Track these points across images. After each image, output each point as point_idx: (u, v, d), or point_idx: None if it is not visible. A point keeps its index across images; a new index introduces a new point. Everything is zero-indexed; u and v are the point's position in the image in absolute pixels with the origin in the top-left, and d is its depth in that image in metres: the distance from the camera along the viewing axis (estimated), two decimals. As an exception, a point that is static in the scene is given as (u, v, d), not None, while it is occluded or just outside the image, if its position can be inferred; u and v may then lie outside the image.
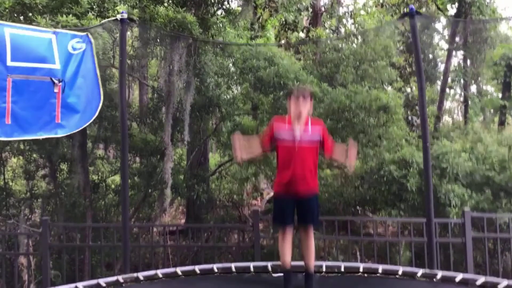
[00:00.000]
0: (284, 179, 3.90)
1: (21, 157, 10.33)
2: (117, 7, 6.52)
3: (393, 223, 8.25)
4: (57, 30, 4.51)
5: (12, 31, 4.12)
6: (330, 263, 4.79)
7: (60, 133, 4.47)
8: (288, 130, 3.89)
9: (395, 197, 8.22)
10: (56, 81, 4.29)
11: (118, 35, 6.05)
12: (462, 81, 16.63)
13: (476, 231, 6.55)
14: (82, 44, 4.54)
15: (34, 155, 9.98)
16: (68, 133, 4.61)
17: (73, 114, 4.45)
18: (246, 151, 3.91)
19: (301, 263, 4.17)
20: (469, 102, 16.75)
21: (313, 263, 4.06)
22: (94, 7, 6.70)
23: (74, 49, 4.48)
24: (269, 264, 4.66)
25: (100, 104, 4.64)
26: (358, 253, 8.00)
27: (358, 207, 10.10)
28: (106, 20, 5.29)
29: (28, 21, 6.13)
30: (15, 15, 6.49)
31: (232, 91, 10.60)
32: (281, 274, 4.19)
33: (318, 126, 3.98)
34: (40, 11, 6.25)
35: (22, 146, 9.52)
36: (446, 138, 10.23)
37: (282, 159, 3.96)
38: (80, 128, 4.67)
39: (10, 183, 10.23)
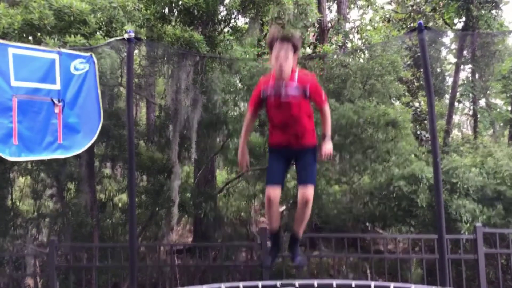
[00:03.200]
0: (276, 137, 3.78)
1: (28, 177, 10.36)
2: (125, 27, 6.56)
3: (403, 240, 8.12)
4: (62, 50, 4.54)
5: (15, 51, 4.16)
6: (340, 281, 4.70)
7: (63, 154, 4.47)
8: (272, 86, 3.66)
9: (405, 213, 8.11)
10: (56, 101, 4.33)
11: (125, 54, 6.08)
12: (470, 94, 16.50)
13: (488, 247, 6.42)
14: (85, 65, 4.58)
15: (42, 175, 10.00)
16: (71, 154, 4.61)
17: (74, 134, 4.48)
18: (246, 148, 3.97)
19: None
20: (478, 116, 16.61)
21: (302, 230, 3.92)
22: (102, 27, 6.76)
23: (77, 69, 4.50)
24: (278, 283, 4.57)
25: (100, 124, 4.66)
26: (368, 271, 7.88)
27: (367, 224, 9.97)
28: (114, 39, 5.32)
29: (37, 41, 6.17)
30: (24, 35, 6.55)
31: (239, 108, 10.60)
32: None
33: (306, 83, 3.66)
34: (48, 31, 6.30)
35: (29, 166, 9.55)
36: (455, 153, 10.13)
37: (271, 116, 3.78)
38: (83, 149, 4.65)
39: (18, 203, 10.24)
